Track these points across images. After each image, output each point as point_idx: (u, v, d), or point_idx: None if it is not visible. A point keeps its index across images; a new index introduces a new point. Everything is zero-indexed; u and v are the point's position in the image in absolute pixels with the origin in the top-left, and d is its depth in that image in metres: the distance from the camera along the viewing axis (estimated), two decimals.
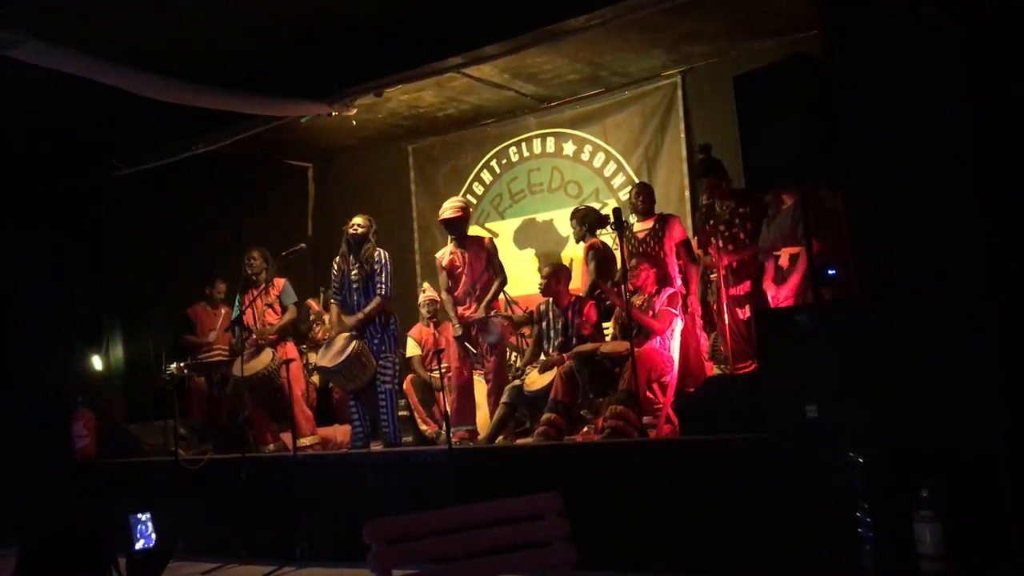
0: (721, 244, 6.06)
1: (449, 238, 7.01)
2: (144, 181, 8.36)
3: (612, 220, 6.04)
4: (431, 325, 7.85)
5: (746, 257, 5.99)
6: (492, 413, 6.70)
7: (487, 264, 6.83)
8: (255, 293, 7.36)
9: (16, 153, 8.25)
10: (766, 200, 5.84)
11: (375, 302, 6.84)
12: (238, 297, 7.56)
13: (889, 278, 4.30)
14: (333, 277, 7.12)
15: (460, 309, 6.84)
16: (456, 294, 6.89)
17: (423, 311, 7.91)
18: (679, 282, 6.50)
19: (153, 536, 5.52)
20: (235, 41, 6.91)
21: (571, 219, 7.34)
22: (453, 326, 6.84)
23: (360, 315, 6.84)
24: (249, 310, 7.39)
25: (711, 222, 6.14)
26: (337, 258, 7.11)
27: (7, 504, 7.69)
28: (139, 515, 5.49)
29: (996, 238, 4.10)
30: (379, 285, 6.86)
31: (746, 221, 5.95)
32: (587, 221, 7.18)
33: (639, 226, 6.76)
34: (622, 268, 6.34)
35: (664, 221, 6.67)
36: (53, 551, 3.06)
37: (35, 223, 8.58)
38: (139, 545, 5.62)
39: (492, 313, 6.74)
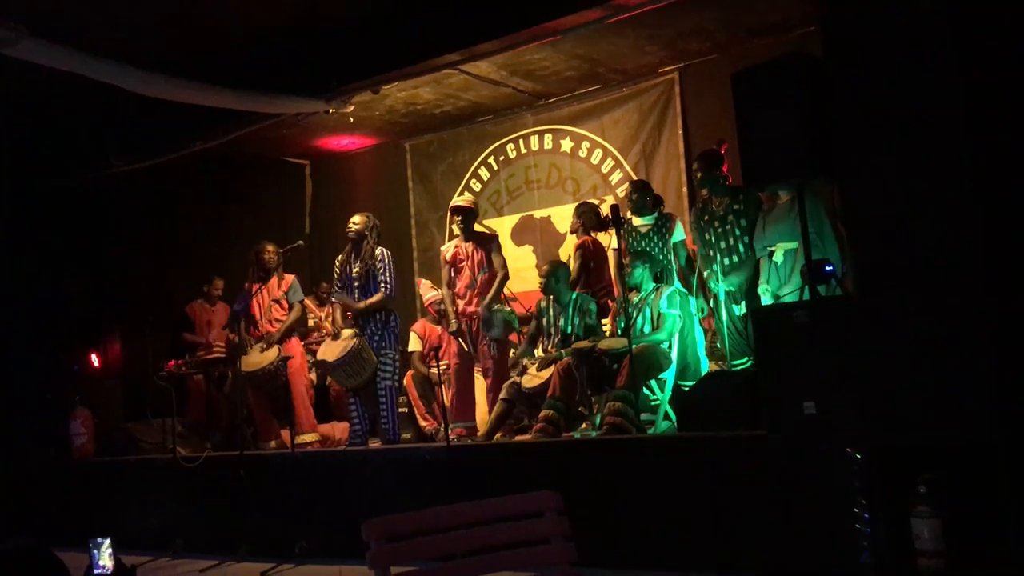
0: (714, 240, 6.06)
1: (453, 228, 7.04)
2: (141, 179, 8.35)
3: (609, 217, 6.05)
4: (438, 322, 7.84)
5: (740, 254, 5.97)
6: (491, 410, 6.71)
7: (489, 260, 6.83)
8: (259, 287, 7.35)
9: (12, 150, 8.24)
10: (760, 196, 5.83)
11: (378, 295, 6.86)
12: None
13: (885, 273, 4.31)
14: (335, 275, 7.13)
15: (460, 304, 6.85)
16: (457, 289, 6.90)
17: (428, 309, 7.93)
18: (675, 280, 6.51)
19: (111, 562, 5.37)
20: (232, 38, 6.91)
21: (574, 211, 7.38)
22: (450, 321, 6.86)
23: (361, 304, 6.86)
24: (256, 304, 7.38)
25: (705, 218, 6.14)
26: (341, 255, 7.13)
27: (5, 502, 7.69)
28: (98, 539, 5.36)
29: (991, 232, 4.11)
30: (383, 284, 6.87)
31: (740, 218, 5.95)
32: (584, 218, 7.18)
33: (639, 222, 6.77)
34: (617, 266, 6.35)
35: (666, 219, 6.69)
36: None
37: (32, 220, 8.57)
38: (97, 572, 5.44)
39: (496, 308, 6.73)
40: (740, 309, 5.91)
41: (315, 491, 6.37)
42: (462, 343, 6.79)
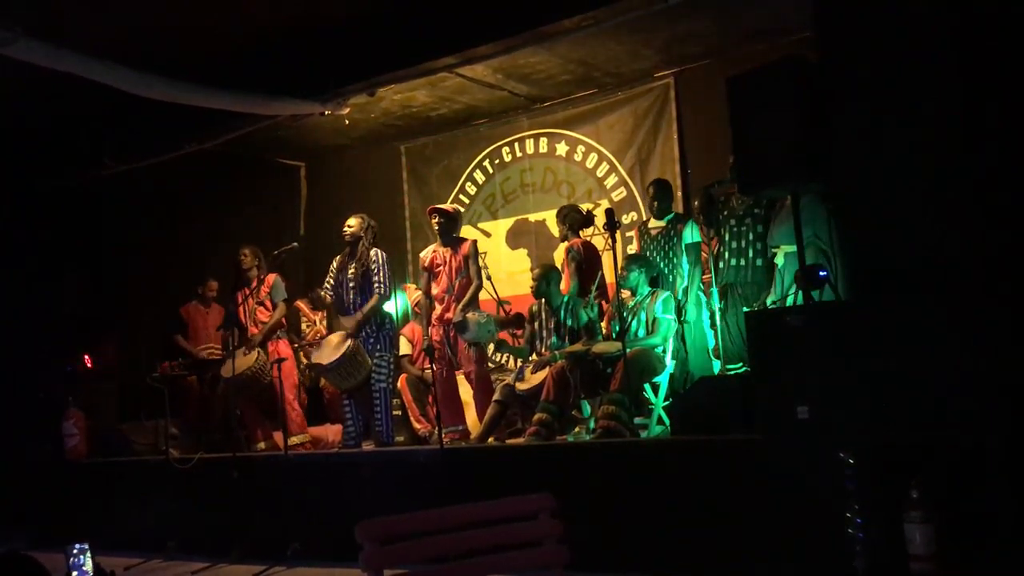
0: (727, 238, 6.04)
1: (435, 231, 7.04)
2: (136, 180, 8.34)
3: (604, 221, 6.05)
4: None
5: (748, 258, 5.95)
6: (479, 413, 6.70)
7: (466, 265, 6.83)
8: (247, 291, 7.34)
9: (7, 151, 8.22)
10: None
11: (373, 300, 6.83)
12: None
13: (884, 274, 4.32)
14: (329, 275, 7.10)
15: (439, 308, 6.85)
16: (435, 293, 6.90)
17: (416, 311, 7.92)
18: (685, 282, 6.49)
19: (88, 569, 5.33)
20: (228, 40, 6.91)
21: (556, 216, 7.36)
22: (424, 335, 6.87)
23: (358, 315, 6.83)
24: (242, 308, 7.37)
25: (725, 213, 6.11)
26: (337, 257, 7.11)
27: None
28: (75, 545, 5.32)
29: (991, 232, 4.12)
30: (376, 284, 6.85)
31: (757, 223, 5.90)
32: (568, 220, 7.17)
33: (653, 224, 6.77)
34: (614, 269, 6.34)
35: (677, 221, 6.68)
36: None
37: (30, 220, 8.55)
38: None
39: (469, 312, 6.71)
40: None
41: (309, 493, 6.36)
42: (435, 349, 6.78)
